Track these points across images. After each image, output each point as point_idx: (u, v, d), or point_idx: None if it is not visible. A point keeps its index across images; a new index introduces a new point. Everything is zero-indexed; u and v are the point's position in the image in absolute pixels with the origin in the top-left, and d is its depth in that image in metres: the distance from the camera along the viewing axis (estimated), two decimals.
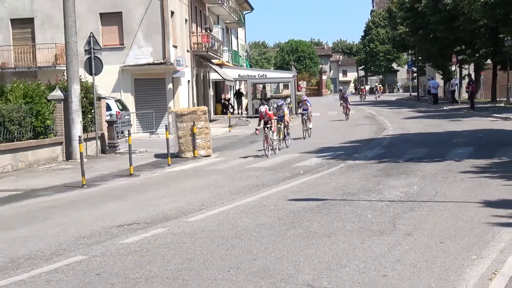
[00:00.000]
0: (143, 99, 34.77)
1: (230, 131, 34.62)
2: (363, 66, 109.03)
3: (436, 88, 54.42)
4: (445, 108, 46.00)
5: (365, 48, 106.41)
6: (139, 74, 34.93)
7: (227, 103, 53.54)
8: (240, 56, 67.20)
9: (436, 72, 62.72)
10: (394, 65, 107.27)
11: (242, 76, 49.71)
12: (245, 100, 54.04)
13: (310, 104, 28.58)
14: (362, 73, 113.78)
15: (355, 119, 38.30)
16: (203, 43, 42.05)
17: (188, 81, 39.20)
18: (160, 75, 35.10)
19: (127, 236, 10.07)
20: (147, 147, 25.51)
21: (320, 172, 16.55)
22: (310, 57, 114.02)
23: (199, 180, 16.72)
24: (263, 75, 50.30)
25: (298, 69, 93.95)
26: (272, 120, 21.52)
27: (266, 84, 61.77)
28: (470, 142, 22.04)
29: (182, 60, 34.73)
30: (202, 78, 45.66)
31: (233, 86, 61.94)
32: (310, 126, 27.92)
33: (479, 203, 11.35)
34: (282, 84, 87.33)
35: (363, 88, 75.75)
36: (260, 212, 11.50)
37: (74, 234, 10.47)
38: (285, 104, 25.35)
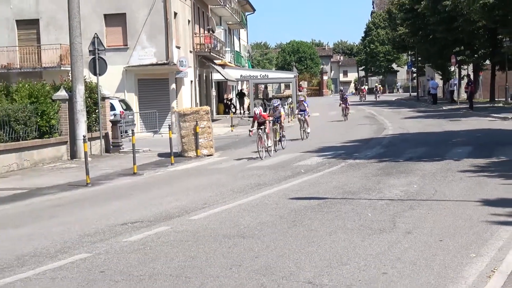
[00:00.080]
0: (147, 99, 34.79)
1: (232, 130, 34.63)
2: (364, 67, 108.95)
3: (436, 89, 54.37)
4: (444, 108, 45.96)
5: (365, 49, 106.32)
6: (143, 75, 34.94)
7: (229, 103, 53.54)
8: (242, 57, 67.18)
9: (435, 72, 62.67)
10: (394, 65, 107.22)
11: (244, 77, 49.76)
12: (247, 100, 54.04)
13: (307, 105, 27.72)
14: (362, 73, 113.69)
15: (355, 119, 38.25)
16: (206, 44, 42.07)
17: (191, 81, 39.21)
18: (163, 76, 35.13)
19: (130, 234, 10.08)
20: (150, 147, 25.52)
21: (321, 171, 16.54)
22: (311, 57, 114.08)
23: (202, 179, 16.72)
24: (265, 75, 50.32)
25: (299, 69, 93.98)
26: (267, 122, 20.69)
27: (268, 84, 61.73)
28: (469, 142, 22.01)
29: (185, 61, 34.74)
30: (204, 79, 45.67)
31: (235, 86, 61.95)
32: (308, 130, 26.80)
33: (478, 202, 11.34)
34: (283, 84, 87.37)
35: (363, 88, 75.64)
36: (262, 211, 11.49)
37: (79, 232, 10.47)
38: (281, 105, 24.42)
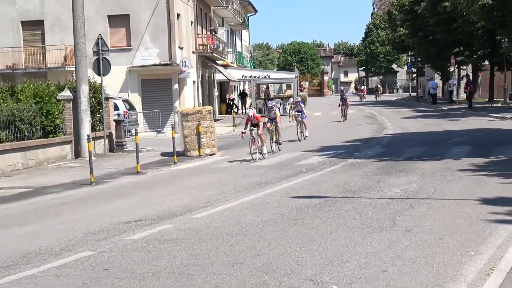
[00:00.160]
0: (150, 99, 34.79)
1: (234, 130, 34.61)
2: (364, 67, 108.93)
3: (435, 89, 54.37)
4: (443, 108, 45.92)
5: (365, 50, 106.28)
6: (146, 75, 34.95)
7: (231, 103, 53.53)
8: (244, 57, 67.18)
9: (435, 73, 62.63)
10: (394, 66, 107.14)
11: (246, 77, 49.75)
12: (249, 100, 54.05)
13: (304, 106, 27.15)
14: (363, 73, 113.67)
15: (356, 119, 38.22)
16: (208, 45, 42.08)
17: (194, 81, 39.22)
18: (166, 76, 35.12)
19: (134, 232, 10.08)
20: (153, 146, 25.54)
21: (322, 170, 16.54)
22: (312, 58, 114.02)
23: (204, 178, 16.72)
24: (267, 75, 50.30)
25: (300, 70, 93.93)
26: (260, 123, 20.11)
27: (270, 84, 61.73)
28: (468, 141, 21.99)
29: (188, 61, 34.73)
30: (207, 79, 45.67)
31: (237, 86, 61.95)
32: (306, 134, 26.03)
33: (477, 201, 11.33)
34: (285, 85, 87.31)
35: (363, 88, 75.61)
36: (263, 209, 11.49)
37: (83, 230, 10.48)
38: (276, 106, 23.45)
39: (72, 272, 7.91)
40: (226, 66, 48.10)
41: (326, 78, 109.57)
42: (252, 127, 19.82)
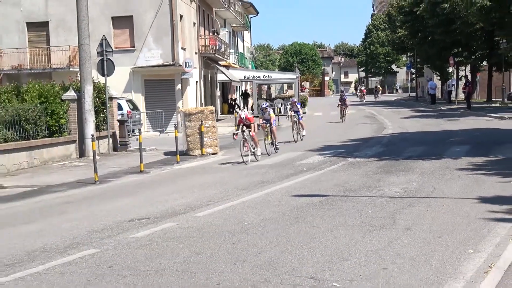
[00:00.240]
0: (153, 99, 34.79)
1: (236, 130, 34.56)
2: (364, 68, 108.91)
3: (434, 89, 54.35)
4: (442, 108, 45.89)
5: (365, 50, 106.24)
6: (149, 75, 34.95)
7: (233, 103, 53.52)
8: (246, 58, 67.15)
9: (434, 73, 62.59)
10: (394, 66, 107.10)
11: (248, 77, 49.74)
12: (251, 100, 54.03)
13: (300, 106, 26.57)
14: (363, 74, 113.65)
15: (356, 119, 38.22)
16: (211, 46, 42.06)
17: (196, 82, 39.21)
18: (169, 76, 35.12)
19: (137, 230, 10.08)
20: (156, 145, 25.53)
21: (323, 169, 16.53)
22: (313, 59, 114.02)
23: (207, 177, 16.72)
24: (268, 76, 50.25)
25: (301, 70, 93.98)
26: (252, 125, 19.34)
27: (271, 84, 61.72)
28: (466, 141, 21.98)
29: (191, 62, 34.73)
30: (209, 79, 45.67)
31: (239, 86, 61.93)
32: (304, 133, 25.57)
33: (476, 199, 11.32)
34: (286, 85, 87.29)
35: (363, 89, 75.58)
36: (265, 208, 11.49)
37: (87, 228, 10.48)
38: (270, 107, 22.46)
39: (77, 270, 7.91)
40: (228, 67, 48.09)
41: (326, 78, 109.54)
42: (244, 129, 19.18)
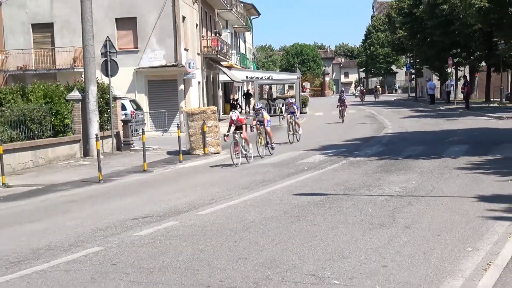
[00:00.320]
0: (156, 99, 34.78)
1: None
2: (364, 68, 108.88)
3: (433, 89, 54.32)
4: (441, 108, 45.85)
5: (365, 51, 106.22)
6: (153, 76, 34.94)
7: (235, 103, 53.51)
8: (248, 59, 67.13)
9: (433, 74, 62.56)
10: (393, 67, 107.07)
11: (250, 78, 49.74)
12: (253, 101, 54.04)
13: (296, 107, 25.97)
14: (363, 74, 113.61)
15: (356, 118, 38.20)
16: (213, 47, 42.05)
17: (199, 82, 39.21)
18: (172, 77, 35.10)
19: (141, 228, 10.08)
20: (160, 145, 25.53)
21: (323, 169, 16.52)
22: (314, 59, 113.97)
23: (209, 175, 16.72)
24: (269, 76, 50.25)
25: (302, 71, 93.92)
26: (243, 126, 18.70)
27: (272, 85, 61.66)
28: (465, 140, 21.96)
29: (193, 63, 34.72)
30: (211, 80, 45.66)
31: (241, 87, 61.93)
32: (300, 132, 25.27)
33: (474, 198, 11.32)
34: (287, 85, 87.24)
35: (363, 89, 75.58)
36: (266, 206, 11.49)
37: (91, 226, 10.49)
38: (263, 108, 21.92)
39: (81, 267, 7.91)
40: (230, 67, 48.09)
41: (327, 79, 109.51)
42: (235, 131, 18.53)
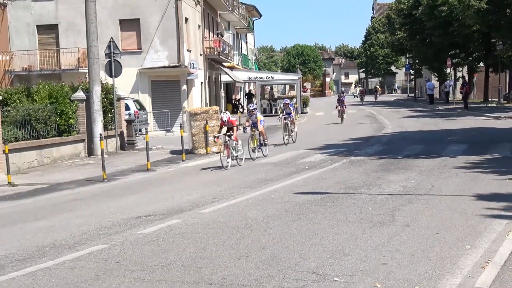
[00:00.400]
0: (159, 99, 34.80)
1: (239, 129, 34.55)
2: (364, 69, 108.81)
3: (432, 89, 54.28)
4: (440, 108, 45.82)
5: (365, 52, 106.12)
6: (156, 76, 34.95)
7: (237, 103, 53.51)
8: (249, 60, 67.11)
9: (432, 74, 62.51)
10: (393, 67, 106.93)
11: (251, 78, 49.74)
12: (255, 100, 54.02)
13: (293, 108, 25.31)
14: (363, 75, 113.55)
15: (356, 118, 38.18)
16: (215, 48, 42.06)
17: (201, 82, 39.21)
18: (175, 77, 35.11)
19: (144, 226, 10.09)
20: (163, 144, 25.53)
21: (324, 168, 16.52)
22: (315, 60, 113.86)
23: (211, 174, 16.71)
24: (271, 77, 50.22)
25: (303, 71, 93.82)
26: (234, 128, 18.11)
27: (274, 85, 61.63)
28: (464, 140, 21.95)
29: (196, 63, 34.74)
30: (214, 80, 45.66)
31: (242, 87, 61.93)
32: (295, 130, 24.53)
33: (473, 197, 11.31)
34: (288, 86, 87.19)
35: (363, 89, 75.56)
36: (268, 205, 11.49)
37: (96, 224, 10.49)
38: (257, 109, 21.25)
39: (86, 265, 7.92)
40: (232, 68, 48.09)
41: (327, 79, 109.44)
42: (226, 132, 18.00)
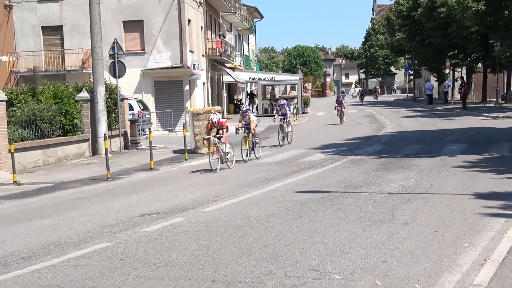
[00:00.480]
0: (162, 99, 34.80)
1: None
2: (364, 69, 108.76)
3: (431, 90, 54.24)
4: (439, 108, 45.78)
5: (365, 53, 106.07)
6: (159, 77, 34.96)
7: (239, 103, 53.50)
8: (251, 60, 67.11)
9: (431, 74, 62.47)
10: (392, 68, 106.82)
11: (253, 79, 49.76)
12: (257, 100, 54.02)
13: (288, 109, 24.60)
14: (362, 75, 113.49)
15: (356, 118, 38.17)
16: (217, 49, 42.05)
17: (204, 83, 39.21)
18: (178, 78, 35.11)
19: (148, 225, 10.09)
20: (166, 144, 25.54)
21: (324, 167, 16.51)
22: (315, 61, 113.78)
23: (214, 173, 16.70)
24: (272, 77, 50.24)
25: (304, 72, 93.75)
26: (224, 130, 17.47)
27: (275, 86, 61.64)
28: (462, 139, 21.92)
29: (198, 64, 34.75)
30: (216, 81, 45.67)
31: (244, 87, 61.92)
32: (290, 134, 23.75)
33: (471, 195, 11.30)
34: (289, 86, 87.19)
35: (362, 90, 75.53)
36: (269, 203, 11.49)
37: (100, 223, 10.50)
38: (250, 110, 20.67)
39: (90, 262, 7.92)
40: (234, 69, 48.09)
41: (328, 80, 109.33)
42: (216, 134, 17.38)
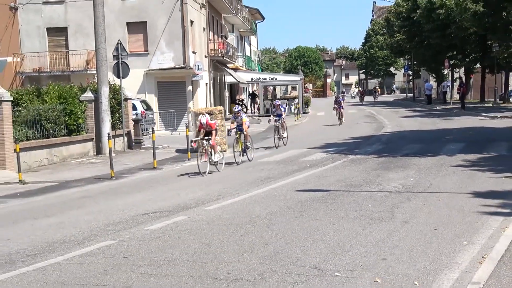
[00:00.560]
0: (165, 100, 34.81)
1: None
2: (364, 70, 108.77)
3: (430, 90, 54.21)
4: (438, 108, 45.75)
5: (365, 54, 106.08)
6: (162, 77, 34.96)
7: (240, 103, 53.47)
8: (253, 61, 67.11)
9: (430, 75, 62.45)
10: (392, 69, 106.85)
11: (254, 79, 49.79)
12: (258, 101, 54.01)
13: (284, 110, 24.09)
14: (362, 76, 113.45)
15: (356, 118, 38.15)
16: (219, 49, 42.05)
17: (206, 83, 39.21)
18: (180, 78, 35.10)
19: (151, 223, 10.09)
20: (169, 143, 25.53)
21: (325, 166, 16.50)
22: (316, 61, 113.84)
23: (216, 173, 16.69)
24: (273, 78, 50.26)
25: (305, 72, 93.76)
26: (213, 132, 16.77)
27: (276, 86, 61.64)
28: (461, 139, 21.90)
29: (201, 65, 34.74)
30: (218, 81, 45.67)
31: (246, 88, 61.92)
32: (285, 135, 23.13)
33: (470, 194, 11.29)
34: (290, 86, 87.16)
35: (362, 90, 75.50)
36: (271, 202, 11.48)
37: (104, 221, 10.50)
38: (243, 111, 20.33)
39: (94, 260, 7.92)
40: (236, 69, 48.08)
41: (328, 80, 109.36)
42: (205, 136, 16.64)
